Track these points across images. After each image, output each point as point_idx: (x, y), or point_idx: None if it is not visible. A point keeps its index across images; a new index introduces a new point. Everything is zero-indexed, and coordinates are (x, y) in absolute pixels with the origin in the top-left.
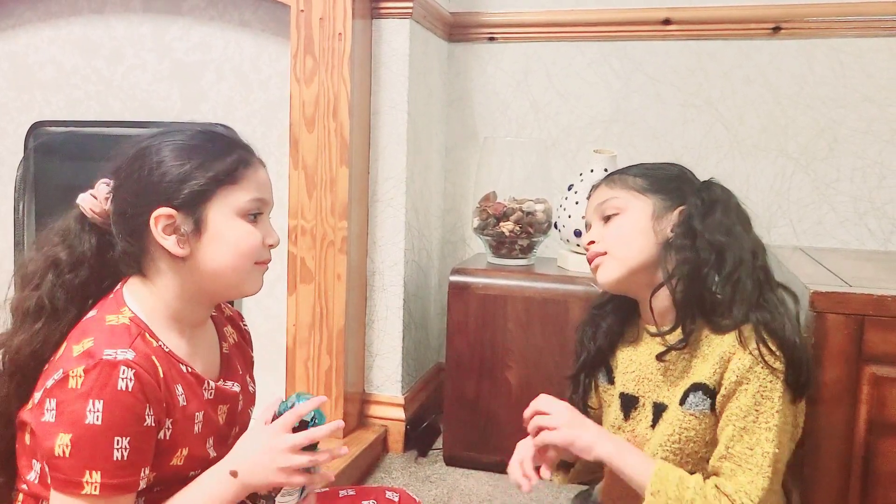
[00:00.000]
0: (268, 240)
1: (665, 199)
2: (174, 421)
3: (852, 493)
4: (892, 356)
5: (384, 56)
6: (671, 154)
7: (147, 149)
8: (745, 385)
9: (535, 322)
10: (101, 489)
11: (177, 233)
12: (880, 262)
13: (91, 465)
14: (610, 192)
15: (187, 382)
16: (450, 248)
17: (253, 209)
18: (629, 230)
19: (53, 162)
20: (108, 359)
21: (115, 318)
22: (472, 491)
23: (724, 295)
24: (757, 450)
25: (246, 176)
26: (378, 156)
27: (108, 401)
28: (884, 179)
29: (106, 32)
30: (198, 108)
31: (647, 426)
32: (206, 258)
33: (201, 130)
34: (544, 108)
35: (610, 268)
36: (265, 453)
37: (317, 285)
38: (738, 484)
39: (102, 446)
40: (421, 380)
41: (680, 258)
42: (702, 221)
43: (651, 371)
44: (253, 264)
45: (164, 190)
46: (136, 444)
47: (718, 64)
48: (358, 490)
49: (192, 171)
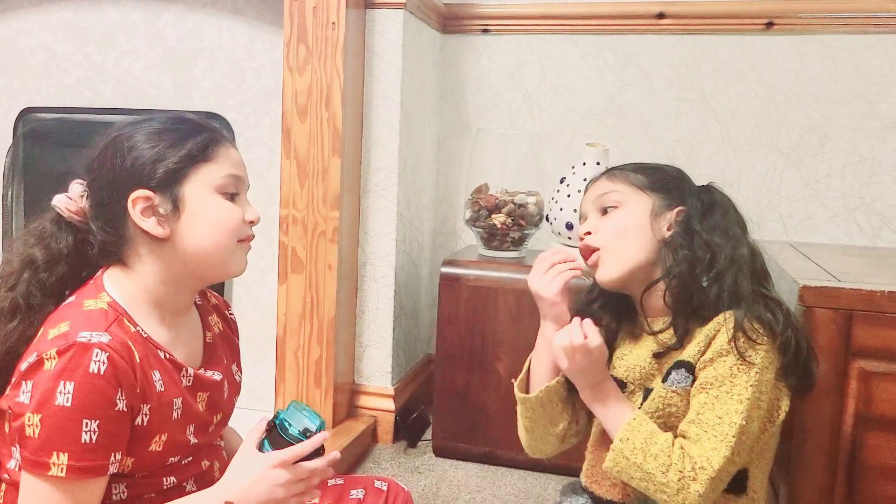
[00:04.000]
0: (247, 216)
1: (665, 198)
2: (151, 407)
3: (839, 487)
4: (879, 351)
5: (377, 46)
6: (663, 148)
7: (118, 138)
8: (724, 357)
9: (526, 314)
10: (68, 471)
11: (156, 214)
12: (869, 258)
13: (58, 447)
14: (611, 185)
15: (165, 368)
16: (441, 239)
17: (229, 186)
18: (627, 225)
19: (43, 148)
20: (82, 341)
21: (93, 303)
22: (461, 482)
23: (720, 294)
24: (725, 419)
25: (218, 153)
26: (370, 146)
27: (79, 383)
28: (874, 176)
29: (98, 18)
30: (190, 95)
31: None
32: (187, 238)
33: (170, 116)
34: (538, 100)
35: (609, 266)
36: (261, 482)
37: (308, 275)
38: (702, 449)
39: (70, 428)
40: (411, 371)
41: (678, 257)
42: (700, 222)
43: (647, 363)
44: (236, 242)
45: (139, 173)
46: (106, 428)
47: (712, 59)
48: (347, 479)
49: (165, 150)
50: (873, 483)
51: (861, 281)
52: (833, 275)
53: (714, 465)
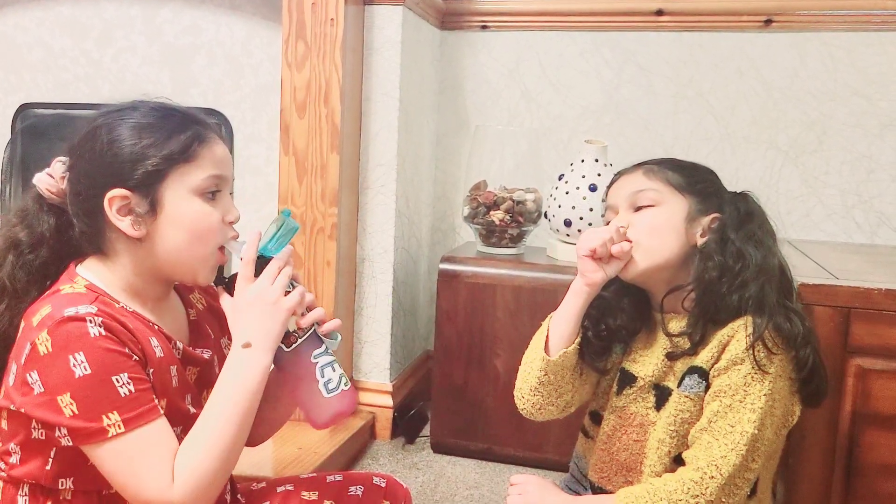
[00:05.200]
0: (227, 217)
1: (701, 202)
2: (153, 371)
3: (836, 484)
4: (877, 349)
5: (376, 42)
6: (662, 145)
7: (99, 128)
8: (738, 365)
9: (524, 311)
10: (126, 424)
11: (132, 214)
12: (867, 256)
13: (105, 409)
14: (648, 183)
15: (159, 337)
16: (439, 235)
17: (210, 187)
18: (662, 225)
19: (41, 144)
20: (69, 314)
21: (70, 287)
22: (459, 478)
23: (741, 301)
24: (737, 428)
25: (201, 153)
26: (369, 142)
27: (88, 349)
28: (872, 173)
29: (95, 14)
30: (188, 91)
31: (648, 407)
32: (162, 239)
33: (155, 107)
34: (536, 97)
35: (636, 261)
36: (251, 307)
37: (306, 272)
38: (711, 457)
39: (105, 390)
40: (409, 367)
41: (709, 265)
42: (736, 231)
43: (659, 361)
44: (213, 249)
45: (118, 170)
46: (136, 376)
47: (710, 56)
48: (345, 476)
49: (145, 150)
50: (870, 480)
51: (859, 279)
52: (831, 272)
53: (723, 472)
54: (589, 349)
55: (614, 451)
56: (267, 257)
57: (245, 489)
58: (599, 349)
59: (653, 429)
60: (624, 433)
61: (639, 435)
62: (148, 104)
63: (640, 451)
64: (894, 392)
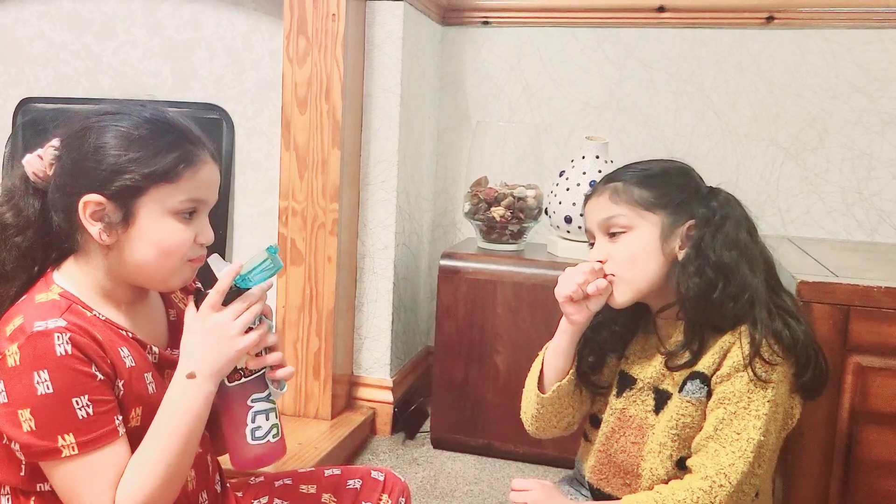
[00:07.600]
0: (200, 238)
1: (673, 213)
2: (125, 382)
3: (834, 481)
4: (876, 346)
5: (377, 38)
6: (662, 141)
7: (90, 129)
8: (740, 372)
9: (524, 307)
10: (80, 447)
11: (103, 221)
12: (867, 253)
13: (60, 430)
14: (615, 209)
15: (131, 345)
16: (440, 231)
17: (188, 209)
18: (639, 252)
19: (42, 138)
20: (38, 330)
21: (45, 296)
22: (459, 473)
23: (735, 309)
24: (743, 435)
25: (185, 176)
26: (370, 138)
27: (52, 368)
28: (872, 171)
29: (96, 7)
30: (188, 85)
31: (647, 410)
32: (131, 251)
33: (150, 118)
34: (537, 92)
35: (622, 292)
36: (207, 335)
37: (307, 267)
38: (719, 465)
39: (64, 411)
40: (409, 363)
41: (691, 284)
42: (712, 239)
43: (658, 362)
44: (182, 262)
45: (98, 176)
46: (98, 398)
47: (711, 52)
48: (343, 470)
49: (129, 163)
50: (869, 477)
51: (858, 276)
52: (831, 270)
53: (732, 480)
54: (583, 366)
55: (612, 453)
56: (242, 288)
57: (243, 483)
58: (593, 364)
59: (651, 432)
60: (622, 435)
61: (637, 437)
62: (145, 113)
63: (637, 453)
64: (893, 389)
